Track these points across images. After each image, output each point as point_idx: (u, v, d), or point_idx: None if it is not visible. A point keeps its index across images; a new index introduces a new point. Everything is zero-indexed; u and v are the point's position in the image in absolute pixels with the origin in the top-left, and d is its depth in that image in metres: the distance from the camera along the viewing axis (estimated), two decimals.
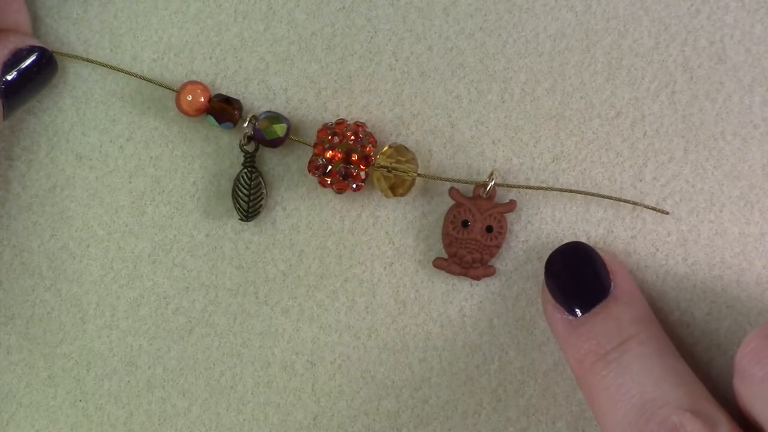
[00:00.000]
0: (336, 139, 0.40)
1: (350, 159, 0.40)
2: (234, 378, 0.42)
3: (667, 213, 0.40)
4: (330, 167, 0.40)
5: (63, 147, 0.43)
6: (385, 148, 0.40)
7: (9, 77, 0.40)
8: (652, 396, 0.35)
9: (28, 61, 0.40)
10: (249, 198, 0.41)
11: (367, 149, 0.40)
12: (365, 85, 0.41)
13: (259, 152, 0.42)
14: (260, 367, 0.42)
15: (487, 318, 0.41)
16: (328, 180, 0.40)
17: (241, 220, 0.42)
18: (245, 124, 0.41)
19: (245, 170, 0.41)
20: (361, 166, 0.40)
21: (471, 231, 0.40)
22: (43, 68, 0.41)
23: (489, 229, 0.40)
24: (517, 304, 0.41)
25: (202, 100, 0.41)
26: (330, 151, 0.40)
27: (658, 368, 0.36)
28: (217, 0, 0.42)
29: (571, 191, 0.40)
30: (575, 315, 0.38)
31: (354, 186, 0.40)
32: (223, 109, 0.41)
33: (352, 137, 0.40)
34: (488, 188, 0.40)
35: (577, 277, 0.38)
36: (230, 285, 0.42)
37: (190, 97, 0.41)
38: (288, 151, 0.42)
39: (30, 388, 0.43)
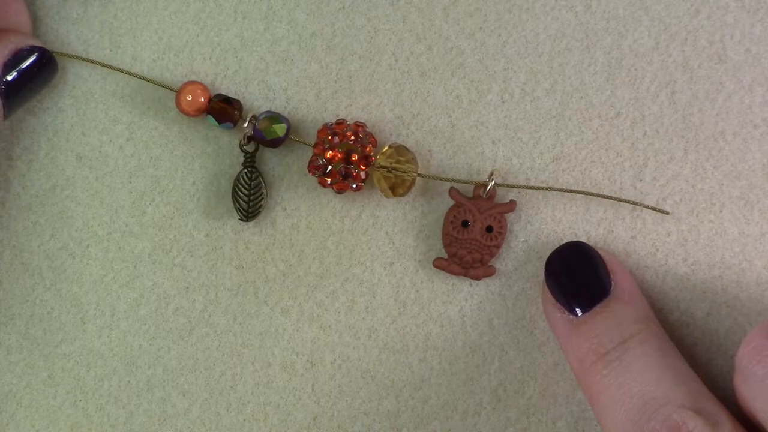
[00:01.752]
0: (336, 139, 0.40)
1: (350, 159, 0.40)
2: (234, 378, 0.42)
3: (667, 213, 0.40)
4: (330, 167, 0.40)
5: (63, 147, 0.43)
6: (385, 148, 0.40)
7: (9, 77, 0.40)
8: (653, 395, 0.35)
9: (28, 61, 0.40)
10: (249, 198, 0.41)
11: (367, 149, 0.40)
12: (365, 85, 0.41)
13: (259, 152, 0.42)
14: (260, 367, 0.42)
15: (487, 318, 0.41)
16: (328, 180, 0.40)
17: (241, 220, 0.42)
18: (245, 124, 0.41)
19: (245, 170, 0.41)
20: (361, 166, 0.40)
21: (471, 231, 0.40)
22: (43, 68, 0.41)
23: (489, 229, 0.40)
24: (517, 304, 0.41)
25: (202, 100, 0.41)
26: (330, 151, 0.40)
27: (660, 367, 0.36)
28: (217, 0, 0.42)
29: (571, 191, 0.40)
30: (576, 314, 0.38)
31: (354, 186, 0.40)
32: (223, 109, 0.41)
33: (352, 137, 0.40)
34: (488, 188, 0.40)
35: (578, 276, 0.38)
36: (230, 285, 0.42)
37: (190, 97, 0.41)
38: (288, 151, 0.42)
39: (30, 388, 0.43)
